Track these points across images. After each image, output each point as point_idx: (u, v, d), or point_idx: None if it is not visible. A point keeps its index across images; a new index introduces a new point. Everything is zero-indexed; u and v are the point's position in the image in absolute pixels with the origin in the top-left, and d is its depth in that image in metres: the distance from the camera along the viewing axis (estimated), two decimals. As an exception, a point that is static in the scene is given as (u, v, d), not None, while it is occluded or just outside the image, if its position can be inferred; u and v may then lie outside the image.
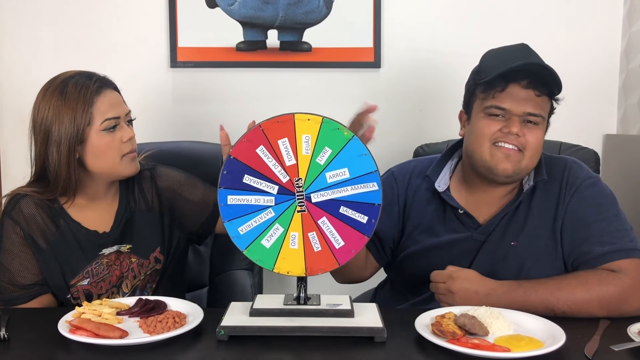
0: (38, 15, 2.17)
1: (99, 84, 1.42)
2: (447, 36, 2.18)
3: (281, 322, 1.19)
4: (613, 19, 2.20)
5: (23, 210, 1.44)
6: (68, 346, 1.15)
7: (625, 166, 2.12)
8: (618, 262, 1.32)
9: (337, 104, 2.20)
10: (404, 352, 1.13)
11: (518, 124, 1.36)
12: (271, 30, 2.17)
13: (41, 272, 1.45)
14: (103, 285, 1.46)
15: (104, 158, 1.42)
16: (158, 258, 1.53)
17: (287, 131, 1.21)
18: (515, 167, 1.39)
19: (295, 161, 1.21)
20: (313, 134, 1.21)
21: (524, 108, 1.36)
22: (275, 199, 1.22)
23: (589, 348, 1.11)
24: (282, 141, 1.21)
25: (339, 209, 1.22)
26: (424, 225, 1.52)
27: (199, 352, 1.14)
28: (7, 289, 1.43)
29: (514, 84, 1.36)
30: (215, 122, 2.20)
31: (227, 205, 1.22)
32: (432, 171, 1.52)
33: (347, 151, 1.21)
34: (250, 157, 1.21)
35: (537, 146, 1.39)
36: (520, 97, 1.36)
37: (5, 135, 2.21)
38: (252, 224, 1.22)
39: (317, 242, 1.22)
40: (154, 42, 2.19)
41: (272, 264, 1.23)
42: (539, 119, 1.37)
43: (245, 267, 1.86)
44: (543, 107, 1.37)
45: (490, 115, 1.39)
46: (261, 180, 1.22)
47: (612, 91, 2.23)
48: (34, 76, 2.15)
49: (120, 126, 1.44)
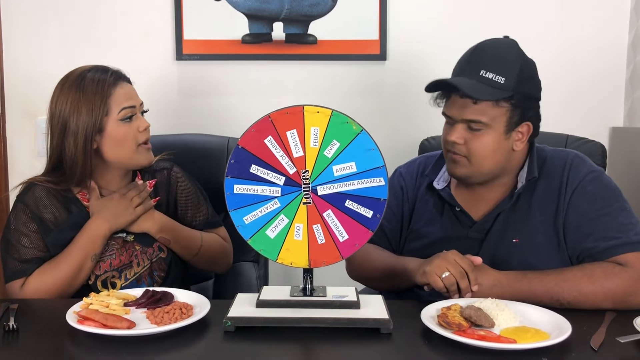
0: (44, 9, 2.17)
1: (115, 77, 1.48)
2: (453, 29, 2.18)
3: (287, 314, 1.20)
4: (620, 12, 2.19)
5: (35, 195, 1.49)
6: (76, 336, 1.16)
7: (632, 159, 2.11)
8: (624, 256, 1.32)
9: (342, 96, 2.20)
10: (410, 343, 1.14)
11: (458, 132, 1.39)
12: (277, 23, 2.17)
13: (48, 249, 1.48)
14: (102, 266, 1.48)
15: (122, 147, 1.47)
16: (161, 247, 1.55)
17: (296, 123, 1.21)
18: (464, 171, 1.42)
19: (302, 153, 1.22)
20: (322, 127, 1.21)
21: (462, 115, 1.38)
22: (281, 190, 1.23)
23: (594, 340, 1.11)
24: (291, 132, 1.21)
25: (345, 202, 1.22)
26: (423, 222, 1.53)
27: (205, 343, 1.15)
28: (14, 265, 1.46)
29: (454, 93, 1.40)
30: (220, 114, 2.22)
31: (233, 194, 1.23)
32: (431, 169, 1.54)
33: (355, 145, 1.21)
34: (258, 147, 1.22)
35: (481, 152, 1.39)
36: (458, 105, 1.39)
37: (12, 129, 2.21)
38: (258, 214, 1.23)
39: (321, 235, 1.23)
40: (159, 35, 2.18)
41: (276, 254, 1.23)
42: (480, 125, 1.37)
43: (251, 259, 1.86)
44: (485, 112, 1.36)
45: (446, 122, 1.45)
46: (268, 171, 1.22)
47: (619, 84, 2.22)
48: (39, 70, 2.17)
49: (137, 116, 1.49)
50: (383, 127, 2.20)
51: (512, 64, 1.38)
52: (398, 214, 1.57)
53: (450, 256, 1.30)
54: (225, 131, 1.97)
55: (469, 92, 1.35)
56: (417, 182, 1.57)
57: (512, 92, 1.36)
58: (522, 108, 1.39)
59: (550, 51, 2.09)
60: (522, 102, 1.39)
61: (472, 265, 1.30)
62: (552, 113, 1.54)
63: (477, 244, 1.44)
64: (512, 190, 1.45)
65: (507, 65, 1.37)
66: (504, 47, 1.41)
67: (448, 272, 1.28)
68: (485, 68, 1.36)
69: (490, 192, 1.47)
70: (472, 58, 1.40)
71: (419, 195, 1.56)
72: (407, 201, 1.57)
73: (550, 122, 1.55)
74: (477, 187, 1.47)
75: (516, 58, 1.39)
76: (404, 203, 1.57)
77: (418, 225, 1.54)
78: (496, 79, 1.36)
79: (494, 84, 1.36)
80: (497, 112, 1.37)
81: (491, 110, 1.37)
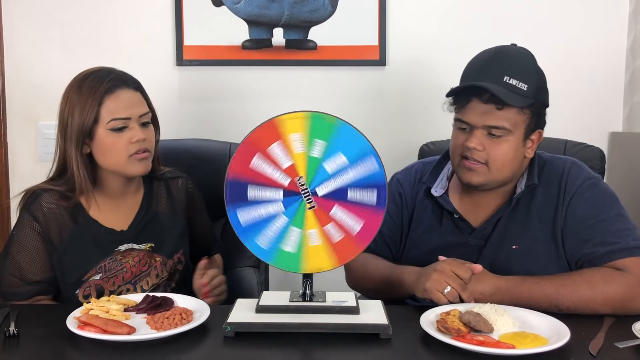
0: (45, 15, 2.18)
1: (113, 83, 1.44)
2: (452, 34, 2.18)
3: (287, 319, 1.20)
4: (619, 16, 2.20)
5: (42, 206, 1.46)
6: (76, 342, 1.16)
7: (631, 164, 2.11)
8: (622, 261, 1.32)
9: (342, 101, 2.21)
10: (409, 348, 1.14)
11: (478, 138, 1.37)
12: (277, 29, 2.18)
13: (51, 269, 1.46)
14: (115, 281, 1.46)
15: (110, 156, 1.44)
16: (180, 259, 1.55)
17: (274, 135, 1.21)
18: (481, 179, 1.40)
19: (292, 161, 1.22)
20: (301, 130, 1.21)
21: (484, 121, 1.36)
22: (283, 204, 1.23)
23: (593, 345, 1.11)
24: (274, 146, 1.22)
25: (347, 194, 1.22)
26: (422, 230, 1.53)
27: (205, 348, 1.15)
28: (11, 282, 1.45)
29: (476, 99, 1.37)
30: (221, 119, 2.22)
31: (241, 225, 1.23)
32: (429, 176, 1.53)
33: (336, 137, 1.21)
34: (247, 171, 1.22)
35: (502, 159, 1.38)
36: (480, 110, 1.36)
37: (13, 134, 2.22)
38: (269, 234, 1.23)
39: (336, 232, 1.23)
40: (160, 41, 2.19)
41: (299, 266, 1.24)
42: (502, 132, 1.36)
43: (251, 265, 1.86)
44: (508, 118, 1.36)
45: (458, 128, 1.41)
46: (265, 189, 1.23)
47: (618, 89, 2.22)
48: (41, 75, 2.18)
49: (131, 127, 1.44)
50: (382, 132, 2.20)
51: (532, 72, 1.38)
52: (397, 220, 1.56)
53: (447, 268, 1.29)
54: (226, 136, 1.98)
55: (502, 96, 1.32)
56: (415, 189, 1.57)
57: (533, 99, 1.36)
58: (538, 115, 1.40)
59: (549, 56, 2.08)
60: (539, 109, 1.40)
61: (471, 273, 1.30)
62: (551, 118, 1.53)
63: (476, 251, 1.45)
64: (511, 196, 1.45)
65: (527, 73, 1.37)
66: (522, 54, 1.41)
67: (449, 287, 1.27)
68: (508, 74, 1.35)
69: (489, 199, 1.47)
70: (493, 63, 1.38)
71: (417, 201, 1.55)
72: (406, 208, 1.56)
73: (549, 127, 1.55)
74: (476, 194, 1.47)
75: (533, 66, 1.40)
76: (403, 210, 1.56)
77: (417, 233, 1.53)
78: (520, 85, 1.35)
79: (518, 91, 1.35)
80: (519, 119, 1.37)
81: (515, 116, 1.36)
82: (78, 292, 1.45)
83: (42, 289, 1.46)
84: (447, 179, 1.53)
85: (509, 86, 1.34)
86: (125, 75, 1.49)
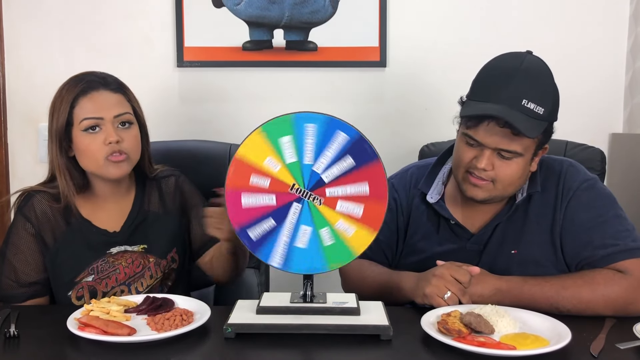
0: (45, 16, 2.18)
1: (87, 85, 1.43)
2: (453, 35, 2.18)
3: (288, 320, 1.20)
4: (619, 18, 2.20)
5: (35, 207, 1.47)
6: (77, 343, 1.16)
7: (632, 165, 2.11)
8: (622, 263, 1.32)
9: (343, 103, 2.21)
10: (410, 350, 1.14)
11: (488, 159, 1.33)
12: (277, 30, 2.18)
13: (45, 270, 1.46)
14: (108, 283, 1.47)
15: (86, 158, 1.44)
16: (174, 258, 1.55)
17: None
18: (485, 195, 1.38)
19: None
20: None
21: (496, 144, 1.32)
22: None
23: (594, 346, 1.11)
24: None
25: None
26: (419, 236, 1.51)
27: (206, 349, 1.15)
28: (7, 284, 1.45)
29: (490, 120, 1.31)
30: (221, 121, 2.22)
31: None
32: (424, 182, 1.51)
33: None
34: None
35: (510, 179, 1.35)
36: (494, 132, 1.31)
37: (13, 136, 2.22)
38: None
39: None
40: (160, 42, 2.19)
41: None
42: (513, 155, 1.33)
43: (252, 266, 1.87)
44: (522, 144, 1.32)
45: (466, 143, 1.37)
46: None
47: (619, 90, 2.23)
48: (41, 77, 2.18)
49: (105, 129, 1.42)
50: (383, 133, 2.20)
51: (551, 93, 1.34)
52: (393, 227, 1.54)
53: (446, 273, 1.28)
54: (227, 137, 1.98)
55: (522, 129, 1.27)
56: (411, 194, 1.54)
57: (547, 122, 1.34)
58: (548, 134, 1.38)
59: (549, 57, 2.08)
60: (550, 128, 1.37)
61: (470, 276, 1.29)
62: (552, 119, 1.54)
63: (475, 256, 1.44)
64: (510, 202, 1.44)
65: (546, 95, 1.33)
66: (542, 73, 1.35)
67: (449, 292, 1.27)
68: (527, 98, 1.29)
69: (487, 205, 1.44)
70: (514, 83, 1.30)
71: (413, 207, 1.53)
72: (401, 214, 1.54)
73: (550, 129, 1.55)
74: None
75: (552, 86, 1.36)
76: (399, 216, 1.54)
77: (414, 240, 1.52)
78: (537, 109, 1.30)
79: (535, 115, 1.30)
80: (531, 143, 1.34)
81: (528, 142, 1.33)
82: (71, 294, 1.45)
83: (37, 290, 1.47)
84: (443, 183, 1.51)
85: (527, 110, 1.29)
86: (109, 77, 1.48)
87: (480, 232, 1.44)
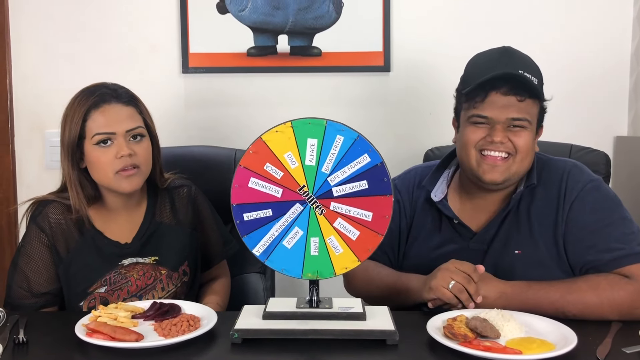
0: (52, 24, 2.20)
1: (100, 98, 1.43)
2: (457, 40, 2.19)
3: (294, 325, 1.20)
4: (623, 20, 2.20)
5: (49, 217, 1.47)
6: (85, 349, 1.16)
7: (636, 168, 2.11)
8: (628, 268, 1.31)
9: (347, 108, 2.21)
10: (416, 354, 1.14)
11: (501, 132, 1.36)
12: (281, 36, 2.19)
13: (57, 280, 1.47)
14: (120, 294, 1.47)
15: (97, 171, 1.44)
16: (186, 271, 1.55)
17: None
18: (504, 176, 1.39)
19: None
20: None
21: (506, 114, 1.35)
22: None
23: (600, 350, 1.11)
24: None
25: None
26: (423, 236, 1.51)
27: (213, 355, 1.16)
28: (19, 294, 1.46)
29: (494, 92, 1.35)
30: (227, 126, 2.23)
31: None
32: (428, 181, 1.52)
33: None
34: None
35: (526, 149, 1.38)
36: (501, 104, 1.35)
37: (20, 143, 2.24)
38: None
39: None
40: (166, 49, 2.21)
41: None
42: (524, 123, 1.36)
43: (258, 271, 1.87)
44: (528, 110, 1.37)
45: (473, 124, 1.39)
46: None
47: (623, 93, 2.22)
48: (48, 84, 2.20)
49: (116, 143, 1.42)
50: (387, 138, 2.21)
51: (539, 71, 1.41)
52: (395, 228, 1.54)
53: (450, 266, 1.30)
54: (232, 143, 1.99)
55: (529, 85, 1.33)
56: (414, 195, 1.55)
57: (541, 94, 1.38)
58: (543, 110, 1.42)
59: (553, 60, 2.09)
60: (543, 106, 1.42)
61: (475, 269, 1.30)
62: (556, 122, 1.54)
63: (480, 255, 1.44)
64: (508, 198, 1.44)
65: (536, 71, 1.40)
66: (526, 54, 1.42)
67: (454, 282, 1.27)
68: (521, 69, 1.35)
69: (489, 203, 1.46)
70: (504, 58, 1.38)
71: (417, 209, 1.54)
72: (404, 215, 1.54)
73: (554, 132, 1.55)
74: (476, 198, 1.47)
75: (536, 63, 1.41)
76: (401, 217, 1.54)
77: (418, 241, 1.52)
78: (532, 79, 1.35)
79: (532, 84, 1.35)
80: (534, 111, 1.39)
81: (532, 108, 1.38)
82: (83, 304, 1.45)
83: (48, 300, 1.47)
84: (447, 184, 1.52)
85: (526, 79, 1.34)
86: (120, 89, 1.48)
87: (482, 230, 1.45)
